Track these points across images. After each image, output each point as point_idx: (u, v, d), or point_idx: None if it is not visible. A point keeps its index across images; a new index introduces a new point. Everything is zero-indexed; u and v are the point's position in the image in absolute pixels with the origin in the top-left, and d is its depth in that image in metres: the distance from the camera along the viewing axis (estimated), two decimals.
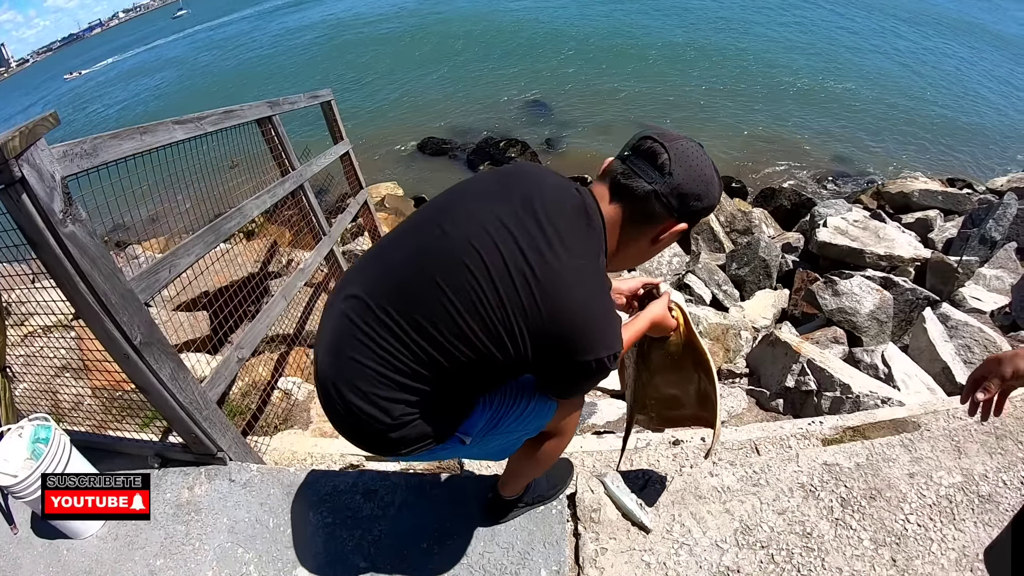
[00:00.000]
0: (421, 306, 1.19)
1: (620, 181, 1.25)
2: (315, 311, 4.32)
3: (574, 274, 1.18)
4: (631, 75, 16.52)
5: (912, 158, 12.23)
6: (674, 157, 1.22)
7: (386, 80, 17.74)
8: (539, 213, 1.21)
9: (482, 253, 1.17)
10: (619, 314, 1.39)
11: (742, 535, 2.18)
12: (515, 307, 1.16)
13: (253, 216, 3.10)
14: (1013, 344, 4.64)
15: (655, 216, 1.26)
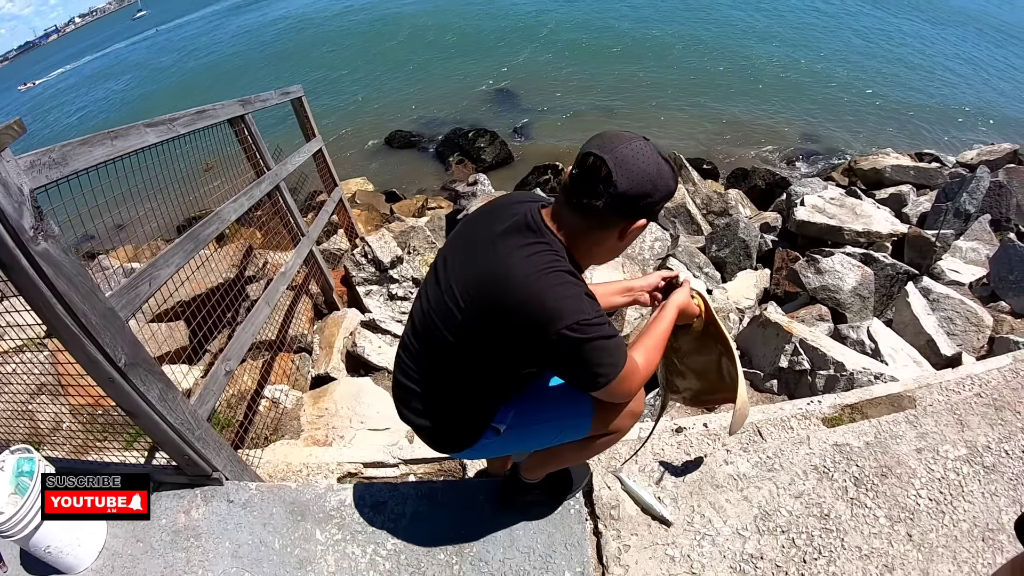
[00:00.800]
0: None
1: (572, 200, 1.36)
2: (297, 314, 4.20)
3: (514, 266, 1.36)
4: (600, 63, 16.48)
5: (879, 134, 12.42)
6: (615, 168, 1.28)
7: (352, 75, 17.44)
8: (495, 241, 1.42)
9: (456, 290, 1.45)
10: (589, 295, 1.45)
11: (762, 521, 2.16)
12: (481, 313, 1.40)
13: (231, 220, 2.98)
14: (994, 315, 4.74)
15: (612, 222, 1.36)
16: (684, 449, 2.93)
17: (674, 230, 7.84)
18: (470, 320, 1.42)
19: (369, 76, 17.06)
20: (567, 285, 1.35)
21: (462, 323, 1.44)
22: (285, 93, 4.16)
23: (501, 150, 11.39)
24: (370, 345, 4.17)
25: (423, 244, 5.44)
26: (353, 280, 4.79)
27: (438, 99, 14.70)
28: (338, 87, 16.51)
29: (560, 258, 1.38)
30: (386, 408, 3.71)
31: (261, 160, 3.69)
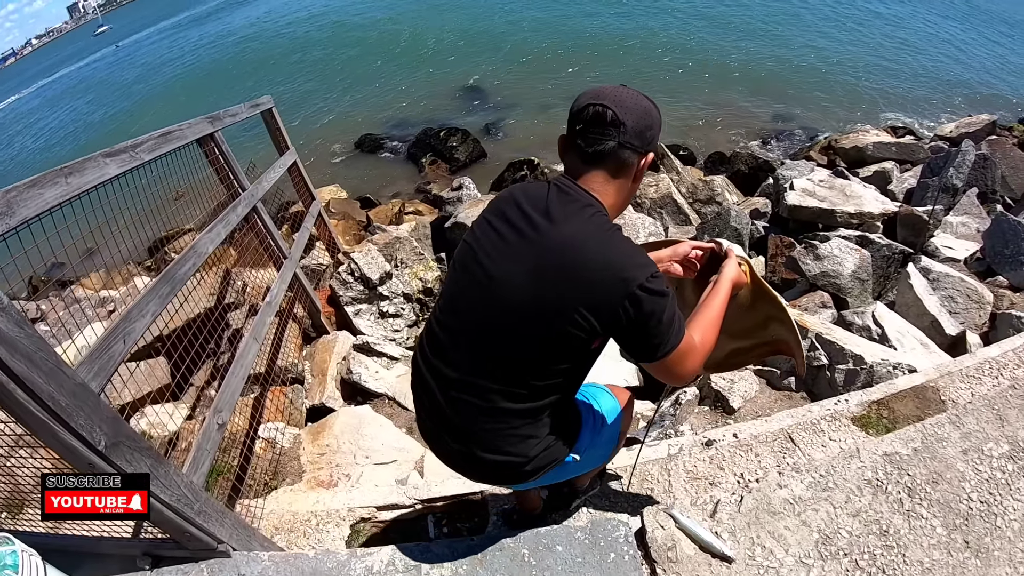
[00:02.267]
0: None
1: (588, 151, 1.40)
2: (285, 342, 3.97)
3: (579, 230, 1.35)
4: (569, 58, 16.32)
5: (851, 111, 12.51)
6: (617, 108, 1.36)
7: (318, 82, 16.95)
8: (544, 215, 1.39)
9: (517, 277, 1.39)
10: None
11: (823, 546, 2.04)
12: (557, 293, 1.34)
13: (209, 253, 2.75)
14: (993, 290, 4.72)
15: (629, 161, 1.42)
16: (717, 463, 2.81)
17: (662, 222, 7.75)
18: (543, 303, 1.35)
19: (335, 82, 16.60)
20: (630, 242, 1.38)
21: (533, 309, 1.36)
22: (255, 105, 3.92)
23: (474, 148, 11.18)
24: (366, 371, 3.96)
25: (410, 256, 5.22)
26: (341, 300, 4.56)
27: (407, 101, 14.39)
28: (305, 94, 16.04)
29: (608, 217, 1.42)
30: (390, 439, 3.52)
31: (235, 181, 3.45)
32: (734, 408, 3.68)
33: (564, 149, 1.48)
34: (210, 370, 3.67)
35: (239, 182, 3.41)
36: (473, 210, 5.36)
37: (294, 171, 4.68)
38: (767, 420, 3.04)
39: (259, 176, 3.80)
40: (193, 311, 3.26)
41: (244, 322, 3.93)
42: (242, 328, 3.92)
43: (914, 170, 7.23)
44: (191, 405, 3.50)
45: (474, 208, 5.40)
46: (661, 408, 3.70)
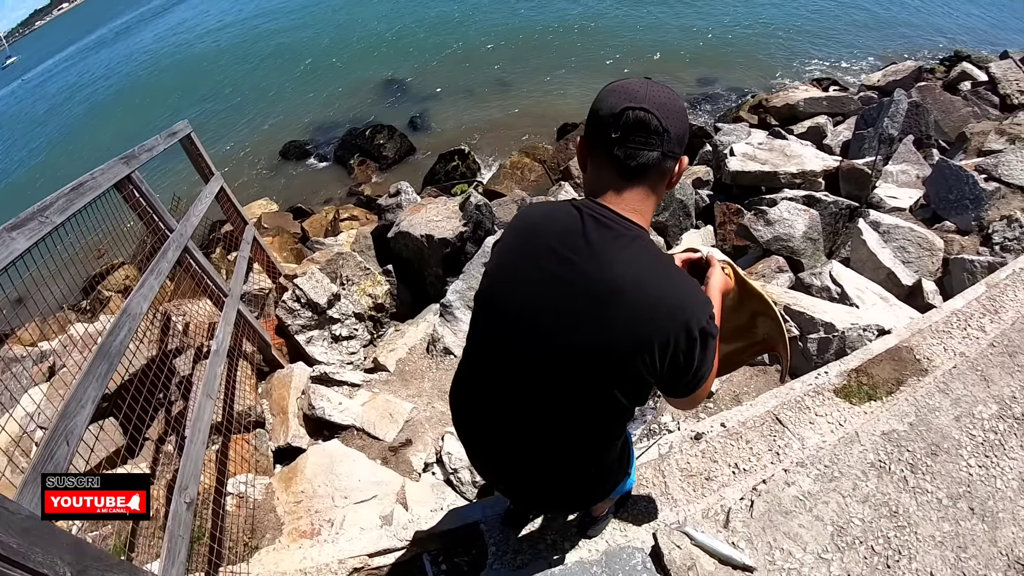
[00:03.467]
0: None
1: (630, 165, 1.23)
2: (239, 384, 3.77)
3: (630, 269, 1.23)
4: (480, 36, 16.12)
5: (773, 68, 12.82)
6: (659, 113, 1.20)
7: (235, 93, 16.11)
8: (587, 252, 1.25)
9: (567, 319, 1.28)
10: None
11: (838, 537, 2.06)
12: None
13: (144, 312, 2.55)
14: (942, 236, 4.90)
15: (669, 169, 1.28)
16: (710, 457, 2.81)
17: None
18: (609, 348, 1.24)
19: (253, 92, 15.83)
20: (684, 275, 1.30)
21: (597, 358, 1.26)
22: (171, 134, 3.65)
23: (402, 143, 10.97)
24: (328, 404, 3.79)
25: (356, 272, 5.04)
26: (290, 329, 4.36)
27: (328, 103, 13.91)
28: (223, 108, 15.22)
29: (654, 245, 1.29)
30: (366, 474, 3.39)
31: (161, 222, 3.21)
32: (712, 391, 3.70)
33: (592, 160, 1.31)
34: (164, 421, 3.47)
35: (165, 223, 3.17)
36: (415, 216, 5.20)
37: (222, 197, 4.42)
38: (752, 404, 3.06)
39: (186, 212, 3.55)
40: (136, 363, 3.06)
41: (192, 367, 3.71)
42: (191, 374, 3.70)
43: (848, 122, 7.45)
44: (150, 463, 3.30)
45: (416, 214, 5.24)
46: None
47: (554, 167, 9.24)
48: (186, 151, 4.04)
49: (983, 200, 4.70)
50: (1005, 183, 4.80)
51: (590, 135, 1.28)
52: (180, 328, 4.11)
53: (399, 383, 4.23)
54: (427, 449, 3.73)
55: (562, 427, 1.39)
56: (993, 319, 3.36)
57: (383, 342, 4.72)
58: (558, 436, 1.41)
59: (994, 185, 4.76)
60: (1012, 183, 4.77)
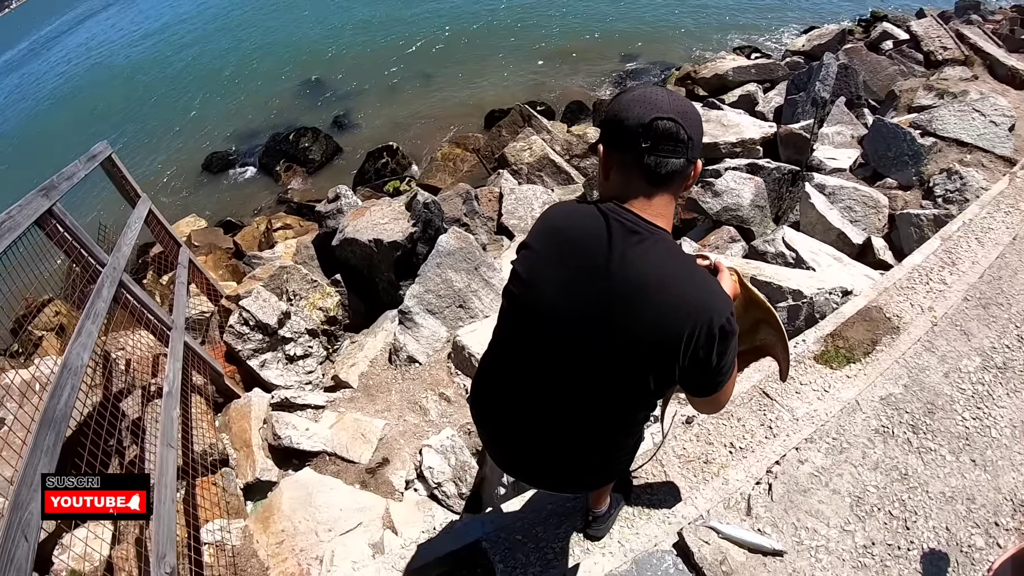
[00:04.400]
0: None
1: (660, 172, 1.30)
2: (195, 422, 3.54)
3: (656, 270, 1.29)
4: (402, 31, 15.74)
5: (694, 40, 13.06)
6: (684, 122, 1.27)
7: (150, 108, 15.03)
8: (615, 253, 1.31)
9: (598, 319, 1.34)
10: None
11: (857, 508, 2.09)
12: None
13: (86, 364, 2.33)
14: (885, 193, 5.08)
15: (688, 173, 1.34)
16: (704, 439, 2.81)
17: (544, 186, 7.73)
18: (639, 346, 1.31)
19: (168, 105, 14.81)
20: (707, 274, 1.37)
21: (629, 354, 1.33)
22: (91, 158, 3.35)
23: (327, 145, 10.63)
24: (295, 431, 3.61)
25: (302, 285, 4.81)
26: (240, 355, 4.12)
27: (249, 110, 13.25)
28: (137, 126, 14.22)
29: (677, 247, 1.35)
30: (346, 501, 3.25)
31: (91, 258, 2.96)
32: None
33: (619, 169, 1.35)
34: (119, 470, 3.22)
35: (96, 258, 2.92)
36: (359, 221, 5.00)
37: (152, 220, 4.12)
38: (737, 380, 3.07)
39: (115, 243, 3.28)
40: (81, 412, 2.81)
41: (142, 408, 3.46)
42: (141, 416, 3.45)
43: (778, 88, 7.65)
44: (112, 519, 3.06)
45: (360, 218, 5.04)
46: None
47: (488, 155, 9.13)
48: (108, 174, 3.74)
49: (922, 155, 4.89)
50: (940, 137, 5.00)
51: (617, 144, 1.32)
52: (122, 366, 3.84)
53: (365, 399, 4.07)
54: (406, 466, 3.60)
55: (590, 416, 1.46)
56: (952, 271, 3.49)
57: (341, 357, 4.54)
58: (585, 424, 1.48)
59: (931, 140, 4.96)
60: (947, 136, 4.98)
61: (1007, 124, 4.91)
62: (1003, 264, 3.25)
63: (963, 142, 4.96)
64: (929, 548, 2.04)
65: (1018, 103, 5.40)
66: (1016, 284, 3.05)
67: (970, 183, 4.54)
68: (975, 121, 5.01)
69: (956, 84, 5.75)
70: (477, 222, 5.72)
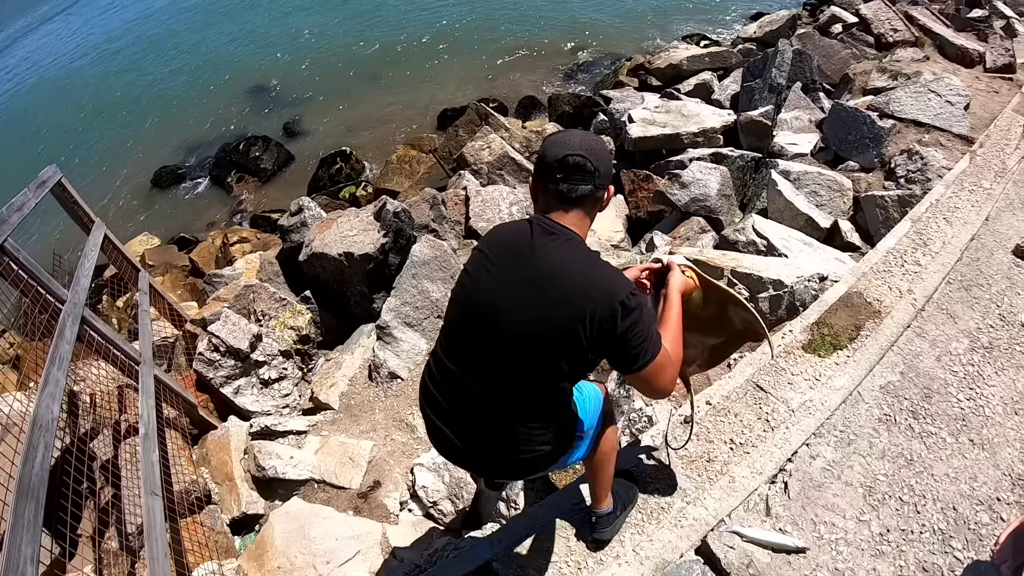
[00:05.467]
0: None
1: (571, 196, 1.65)
2: (173, 459, 3.42)
3: (565, 260, 1.61)
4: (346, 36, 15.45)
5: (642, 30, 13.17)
6: (591, 156, 1.63)
7: (92, 126, 14.32)
8: (534, 253, 1.64)
9: (525, 309, 1.62)
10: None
11: (870, 497, 2.15)
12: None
13: (57, 416, 2.23)
14: (848, 176, 5.24)
15: (600, 197, 1.70)
16: (704, 437, 2.84)
17: (505, 183, 7.72)
18: (547, 324, 1.58)
19: (111, 121, 14.15)
20: (610, 264, 1.66)
21: (539, 332, 1.59)
22: (41, 185, 3.18)
23: (279, 153, 10.40)
24: (280, 460, 3.52)
25: (270, 304, 4.69)
26: (213, 383, 3.99)
27: (196, 121, 12.73)
28: (80, 146, 13.58)
29: (586, 245, 1.67)
30: (342, 530, 3.18)
31: (49, 295, 2.82)
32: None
33: (540, 191, 1.72)
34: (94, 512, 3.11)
35: (54, 295, 2.79)
36: (326, 233, 4.89)
37: (108, 246, 3.96)
38: (730, 376, 3.12)
39: (73, 275, 3.14)
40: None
41: (115, 447, 3.34)
42: (115, 455, 3.32)
43: (733, 75, 7.79)
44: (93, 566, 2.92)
45: (327, 231, 4.92)
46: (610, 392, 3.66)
47: (446, 156, 9.04)
48: (59, 200, 3.57)
49: (882, 137, 5.05)
50: (898, 119, 5.18)
51: (540, 176, 1.69)
52: (88, 402, 3.69)
53: (348, 420, 4.00)
54: (399, 487, 3.55)
55: (513, 397, 1.69)
56: (925, 252, 3.62)
57: (318, 377, 4.44)
58: (510, 406, 1.71)
59: (890, 122, 5.13)
60: (905, 118, 5.16)
61: (962, 103, 5.12)
62: (980, 245, 3.38)
63: (921, 123, 5.14)
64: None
65: (970, 82, 5.63)
66: (993, 264, 3.18)
67: (931, 163, 4.71)
68: (931, 102, 5.20)
69: (909, 65, 5.96)
70: (446, 227, 5.67)
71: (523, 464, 1.84)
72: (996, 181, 4.16)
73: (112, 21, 22.50)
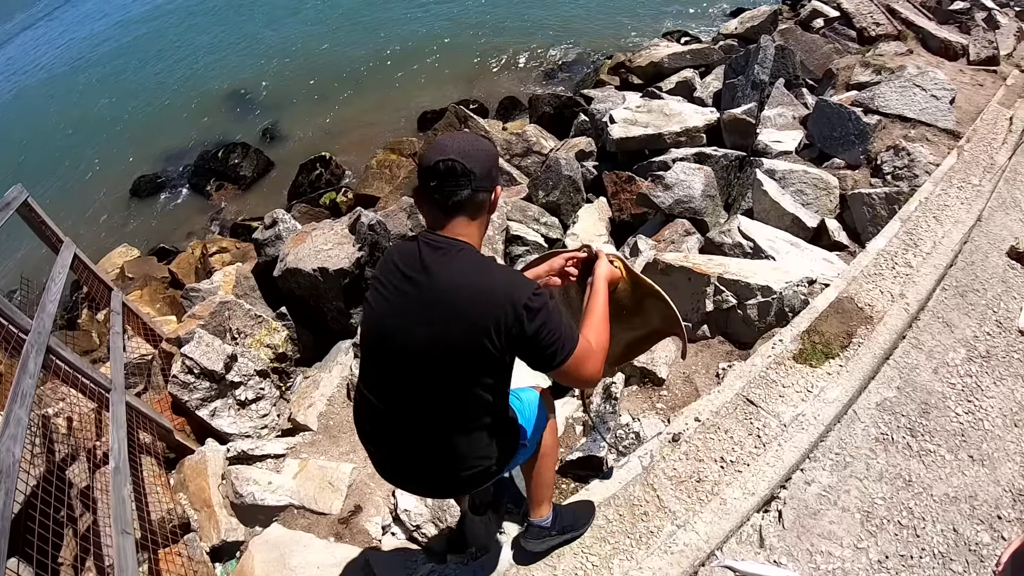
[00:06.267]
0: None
1: (448, 203, 1.60)
2: (148, 487, 3.29)
3: (459, 273, 1.57)
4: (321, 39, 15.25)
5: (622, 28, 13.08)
6: (465, 159, 1.55)
7: (67, 138, 14.03)
8: (425, 272, 1.60)
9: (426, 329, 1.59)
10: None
11: (867, 523, 2.08)
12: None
13: (19, 457, 2.10)
14: (834, 173, 5.16)
15: (484, 200, 1.65)
16: (694, 456, 2.75)
17: None
18: (454, 342, 1.56)
19: (86, 133, 13.87)
20: (507, 267, 1.68)
21: (448, 351, 1.57)
22: (5, 206, 3.05)
23: (258, 160, 10.25)
24: (258, 487, 3.39)
25: (246, 321, 4.55)
26: (188, 405, 3.86)
27: (173, 129, 12.47)
28: (55, 158, 13.28)
29: (478, 251, 1.64)
30: (324, 558, 3.06)
31: (12, 326, 2.69)
32: (663, 378, 3.63)
33: (421, 202, 1.68)
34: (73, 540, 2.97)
35: (17, 325, 2.65)
36: (301, 248, 4.74)
37: (79, 266, 3.82)
38: (719, 390, 3.03)
39: (39, 301, 3.00)
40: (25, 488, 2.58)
41: (90, 470, 3.21)
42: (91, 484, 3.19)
43: (714, 73, 7.71)
44: None
45: (301, 245, 4.78)
46: (595, 408, 3.56)
47: None
48: (26, 220, 3.44)
49: (867, 134, 4.97)
50: (884, 114, 5.11)
51: (419, 185, 1.65)
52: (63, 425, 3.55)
53: (327, 442, 3.87)
54: (380, 511, 3.43)
55: (435, 415, 1.67)
56: (916, 253, 3.54)
57: (296, 396, 4.31)
58: (433, 424, 1.68)
59: (875, 118, 5.06)
60: (890, 113, 5.09)
61: (948, 97, 5.05)
62: (974, 248, 3.31)
63: (906, 118, 5.07)
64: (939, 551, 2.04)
65: (954, 75, 5.57)
66: (988, 268, 3.11)
67: (917, 159, 4.63)
68: (916, 96, 5.13)
69: (892, 59, 5.89)
70: None
71: (466, 480, 1.81)
72: (985, 177, 4.10)
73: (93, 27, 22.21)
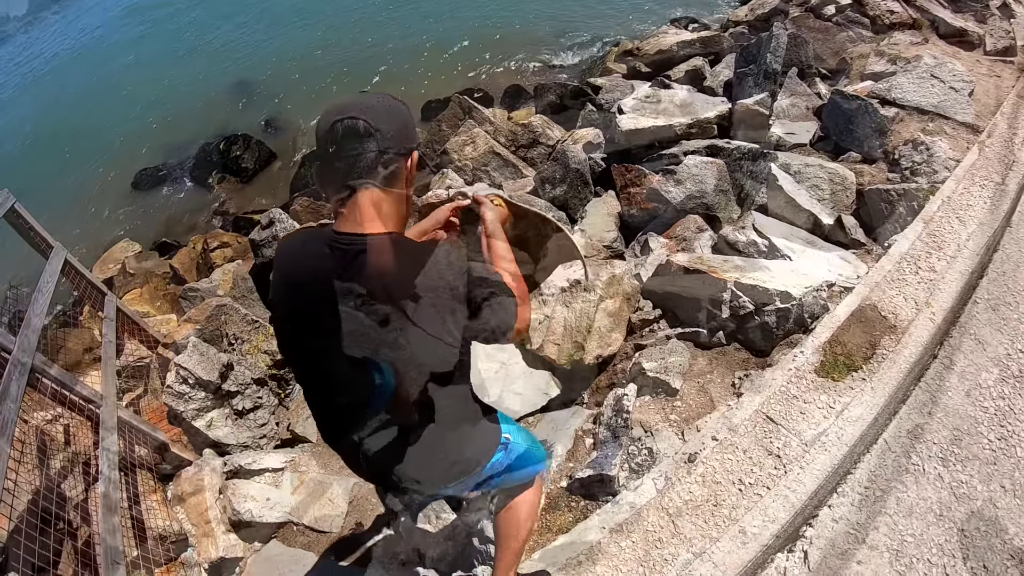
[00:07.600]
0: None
1: (351, 172, 1.33)
2: (141, 499, 3.20)
3: (376, 278, 1.33)
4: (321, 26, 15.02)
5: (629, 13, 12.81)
6: (366, 115, 1.31)
7: (68, 132, 13.93)
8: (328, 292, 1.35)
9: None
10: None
11: (897, 563, 2.02)
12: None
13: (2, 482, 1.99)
14: (850, 168, 4.99)
15: (396, 167, 1.38)
16: (711, 478, 2.63)
17: (491, 181, 7.47)
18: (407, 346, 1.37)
19: (86, 126, 13.77)
20: (420, 253, 1.38)
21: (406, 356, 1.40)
22: None
23: (260, 151, 10.10)
24: (255, 504, 3.29)
25: (242, 327, 4.42)
26: (184, 416, 3.75)
27: (174, 121, 12.30)
28: (56, 153, 13.16)
29: (387, 246, 1.36)
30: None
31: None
32: (676, 388, 3.50)
33: (324, 181, 1.41)
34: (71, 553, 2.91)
35: (2, 347, 2.54)
36: None
37: (70, 271, 3.71)
38: (738, 406, 2.90)
39: (25, 316, 2.89)
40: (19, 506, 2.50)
41: (85, 485, 3.12)
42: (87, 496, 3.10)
43: (725, 61, 7.50)
44: None
45: None
46: (605, 420, 3.43)
47: (429, 151, 8.78)
48: (13, 226, 3.33)
49: (885, 127, 4.80)
50: (901, 106, 4.93)
51: (318, 160, 1.40)
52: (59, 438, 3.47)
53: (327, 454, 3.75)
54: (381, 529, 3.34)
55: (404, 416, 1.50)
56: (940, 256, 3.38)
57: (294, 405, 4.20)
58: (411, 427, 1.52)
59: (893, 110, 4.88)
60: (907, 105, 4.91)
61: (966, 89, 4.86)
62: (1005, 258, 3.15)
63: (924, 110, 4.88)
64: None
65: (971, 66, 5.37)
66: (1019, 279, 2.96)
67: (936, 153, 4.46)
68: (934, 88, 4.94)
69: (907, 49, 5.69)
70: None
71: (452, 469, 1.65)
72: (1009, 175, 3.92)
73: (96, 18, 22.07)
